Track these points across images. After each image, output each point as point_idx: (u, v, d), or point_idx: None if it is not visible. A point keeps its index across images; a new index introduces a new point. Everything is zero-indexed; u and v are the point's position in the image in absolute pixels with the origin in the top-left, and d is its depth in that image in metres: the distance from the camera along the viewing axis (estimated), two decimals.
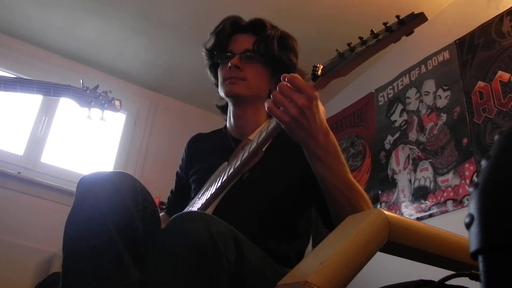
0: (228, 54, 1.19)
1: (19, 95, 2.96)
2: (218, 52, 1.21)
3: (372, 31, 0.75)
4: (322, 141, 0.85)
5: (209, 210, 1.07)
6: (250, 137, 1.15)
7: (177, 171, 1.37)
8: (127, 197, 0.81)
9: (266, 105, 0.85)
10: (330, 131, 0.87)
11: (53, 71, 2.94)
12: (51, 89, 1.52)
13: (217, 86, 1.27)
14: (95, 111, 1.60)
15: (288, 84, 0.82)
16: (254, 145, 0.97)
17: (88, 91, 1.59)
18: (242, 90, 1.15)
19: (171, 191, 1.38)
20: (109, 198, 0.79)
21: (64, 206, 2.45)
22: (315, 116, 0.82)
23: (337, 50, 0.80)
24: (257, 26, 1.20)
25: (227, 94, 1.18)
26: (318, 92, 0.84)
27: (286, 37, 1.21)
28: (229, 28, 1.21)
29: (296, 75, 0.83)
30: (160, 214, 1.36)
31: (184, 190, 1.30)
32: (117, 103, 1.64)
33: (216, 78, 1.26)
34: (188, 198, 1.25)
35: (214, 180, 1.11)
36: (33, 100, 2.96)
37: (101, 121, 1.61)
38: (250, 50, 1.17)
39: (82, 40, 2.95)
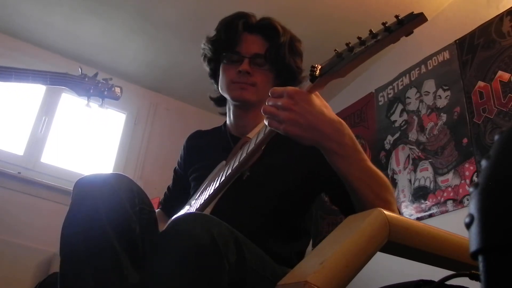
0: (237, 56, 1.16)
1: (19, 93, 2.95)
2: (226, 51, 1.18)
3: (371, 31, 0.74)
4: (331, 133, 0.82)
5: (208, 210, 1.07)
6: (249, 135, 1.14)
7: (175, 168, 1.37)
8: (124, 199, 0.81)
9: (266, 121, 0.84)
10: (343, 122, 0.84)
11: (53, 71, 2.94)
12: (47, 78, 1.46)
13: (211, 77, 1.26)
14: (95, 100, 1.54)
15: (278, 97, 0.82)
16: (252, 146, 0.96)
17: (86, 79, 1.53)
18: (251, 96, 1.14)
19: (168, 188, 1.38)
20: (107, 200, 0.78)
21: (64, 206, 2.45)
22: (308, 109, 0.80)
23: (335, 50, 0.80)
24: (268, 30, 1.17)
25: (235, 99, 1.16)
26: (315, 92, 0.83)
27: (294, 40, 1.20)
28: (241, 27, 1.17)
29: (273, 89, 0.84)
30: (156, 211, 1.37)
31: (181, 187, 1.30)
32: (117, 89, 1.57)
33: (213, 70, 1.24)
34: (185, 195, 1.25)
35: (212, 179, 1.11)
36: (33, 100, 2.96)
37: (101, 109, 1.56)
38: (261, 55, 1.15)
39: (82, 40, 2.95)
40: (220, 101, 1.30)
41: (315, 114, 0.80)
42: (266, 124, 0.84)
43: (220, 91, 1.22)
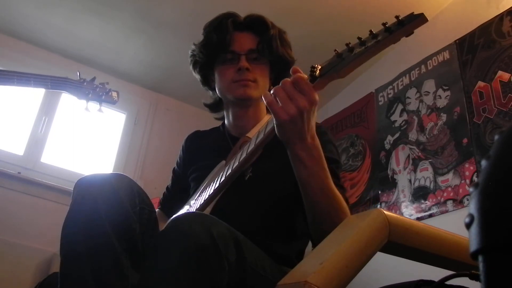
0: (232, 55, 1.16)
1: (19, 93, 2.95)
2: (220, 52, 1.18)
3: (371, 31, 0.74)
4: (308, 143, 0.84)
5: (208, 210, 1.07)
6: (249, 135, 1.15)
7: (174, 168, 1.36)
8: (125, 199, 0.81)
9: (265, 100, 0.83)
10: (316, 136, 0.87)
11: (53, 71, 2.93)
12: (48, 82, 1.51)
13: (204, 84, 1.27)
14: (93, 104, 1.60)
15: (292, 83, 0.81)
16: (252, 146, 0.96)
17: (85, 83, 1.59)
18: (254, 92, 1.14)
19: (167, 187, 1.38)
20: (107, 200, 0.79)
21: (64, 206, 2.45)
22: (310, 120, 0.83)
23: (335, 50, 0.80)
24: (257, 25, 1.19)
25: (239, 97, 1.15)
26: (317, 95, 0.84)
27: (282, 32, 1.22)
28: (231, 26, 1.17)
29: (303, 76, 0.81)
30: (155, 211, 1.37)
31: (180, 187, 1.30)
32: (114, 94, 1.64)
33: (204, 76, 1.25)
34: (184, 195, 1.25)
35: (212, 179, 1.11)
36: (33, 100, 2.96)
37: (99, 112, 1.61)
38: (254, 50, 1.16)
39: (82, 40, 2.95)
40: (215, 107, 1.31)
41: (310, 126, 0.83)
42: (266, 102, 0.83)
43: (219, 95, 1.22)
